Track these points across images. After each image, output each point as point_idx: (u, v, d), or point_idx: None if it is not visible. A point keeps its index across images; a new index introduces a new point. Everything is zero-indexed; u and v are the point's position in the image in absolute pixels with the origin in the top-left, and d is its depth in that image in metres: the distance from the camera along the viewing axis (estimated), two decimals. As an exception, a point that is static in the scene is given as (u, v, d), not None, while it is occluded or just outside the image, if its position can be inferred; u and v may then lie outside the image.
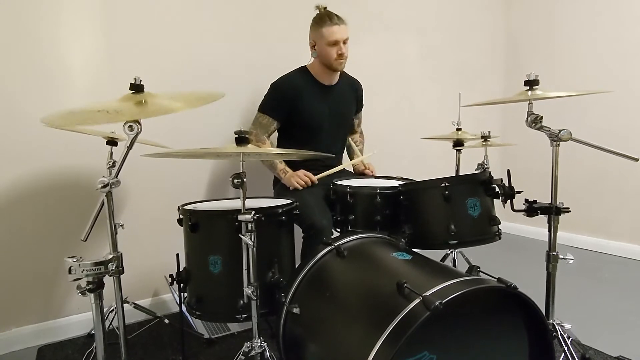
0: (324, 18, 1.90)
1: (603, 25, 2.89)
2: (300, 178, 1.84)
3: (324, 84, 2.02)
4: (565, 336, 1.45)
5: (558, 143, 1.45)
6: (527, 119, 1.44)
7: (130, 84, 1.17)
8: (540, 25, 3.27)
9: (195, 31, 2.12)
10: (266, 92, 1.99)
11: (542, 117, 1.42)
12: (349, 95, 2.14)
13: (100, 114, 1.13)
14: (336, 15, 1.91)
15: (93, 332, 1.52)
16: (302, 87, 1.97)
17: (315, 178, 1.87)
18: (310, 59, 2.02)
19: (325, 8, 1.96)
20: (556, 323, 1.48)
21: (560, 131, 1.41)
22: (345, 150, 2.24)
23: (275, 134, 2.08)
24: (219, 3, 2.18)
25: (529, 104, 1.45)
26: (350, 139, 2.28)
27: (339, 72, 2.04)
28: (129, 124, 1.13)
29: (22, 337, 1.81)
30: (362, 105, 2.27)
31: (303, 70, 2.03)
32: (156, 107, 1.17)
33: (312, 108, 1.97)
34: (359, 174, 2.14)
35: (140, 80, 1.19)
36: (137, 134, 1.14)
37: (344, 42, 1.91)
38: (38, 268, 1.83)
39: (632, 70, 2.75)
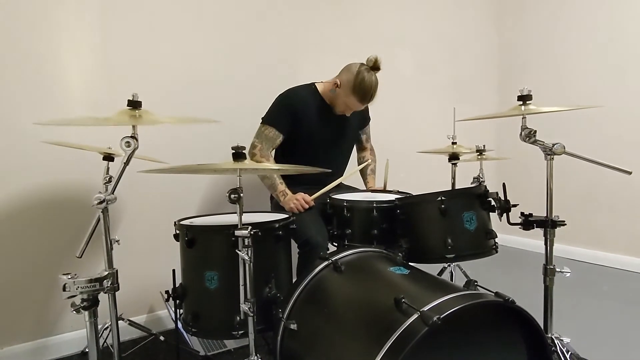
0: (363, 89, 1.84)
1: (595, 39, 2.95)
2: (299, 202, 1.79)
3: (331, 107, 2.00)
4: (564, 350, 1.45)
5: (552, 157, 1.47)
6: (521, 133, 1.45)
7: (128, 100, 1.18)
8: (533, 39, 3.34)
9: (195, 48, 2.15)
10: (272, 104, 1.96)
11: (535, 132, 1.44)
12: (352, 119, 2.09)
13: (90, 119, 1.14)
14: (373, 94, 1.88)
15: (87, 350, 1.49)
16: (310, 103, 1.95)
17: (310, 200, 1.81)
18: (321, 81, 2.02)
19: (376, 60, 1.89)
20: (555, 337, 1.48)
21: (553, 145, 1.43)
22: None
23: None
24: (219, 20, 2.21)
25: (522, 118, 1.47)
26: (363, 160, 2.25)
27: None
28: (126, 140, 1.14)
29: (14, 357, 1.77)
30: (369, 119, 2.26)
31: (312, 87, 2.00)
32: (145, 120, 1.18)
33: (316, 126, 1.96)
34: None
35: (138, 97, 1.20)
36: (134, 149, 1.15)
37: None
38: (31, 285, 1.81)
39: (624, 84, 2.80)
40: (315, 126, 1.97)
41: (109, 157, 1.59)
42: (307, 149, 1.99)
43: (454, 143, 2.14)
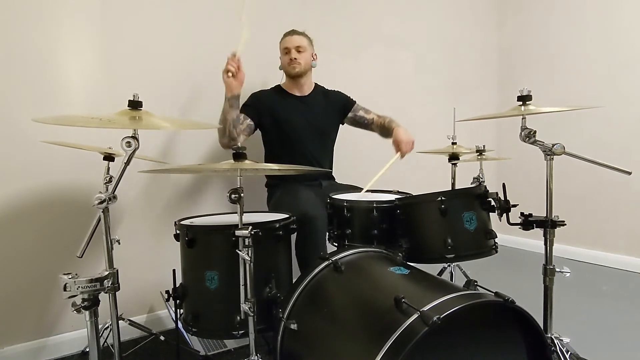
0: (283, 35, 2.10)
1: (595, 40, 2.95)
2: (225, 68, 1.87)
3: (295, 95, 2.13)
4: (563, 350, 1.45)
5: (552, 157, 1.47)
6: (520, 133, 1.46)
7: (129, 100, 1.18)
8: (533, 40, 3.34)
9: (195, 48, 2.15)
10: None
11: (535, 132, 1.44)
12: (324, 104, 2.19)
13: (93, 120, 1.15)
14: (294, 29, 2.09)
15: (87, 349, 1.50)
16: (277, 98, 2.10)
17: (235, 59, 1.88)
18: (282, 75, 2.15)
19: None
20: (554, 337, 1.48)
21: (553, 145, 1.43)
22: (383, 136, 2.20)
23: (263, 151, 2.16)
24: (220, 20, 2.21)
25: (522, 118, 1.48)
26: (379, 123, 2.21)
27: (310, 84, 2.17)
28: (126, 140, 1.14)
29: (14, 356, 1.77)
30: (352, 102, 2.26)
31: (276, 86, 2.17)
32: (147, 123, 1.18)
33: (287, 116, 2.07)
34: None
35: (138, 97, 1.20)
36: (135, 149, 1.15)
37: (297, 50, 2.05)
38: (32, 285, 1.81)
39: (625, 84, 2.80)
40: (287, 113, 2.07)
41: (109, 157, 1.60)
42: (286, 138, 2.07)
43: (454, 143, 2.14)
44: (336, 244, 1.78)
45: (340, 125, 2.27)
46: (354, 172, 2.34)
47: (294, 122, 2.07)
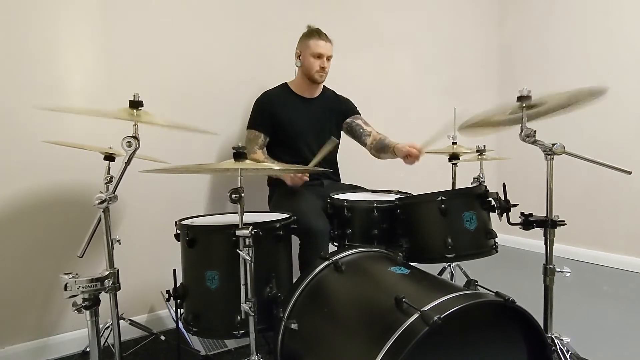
0: (313, 32, 2.05)
1: (595, 40, 2.95)
2: (295, 177, 1.86)
3: (303, 97, 2.12)
4: (564, 350, 1.45)
5: (552, 157, 1.47)
6: (520, 133, 1.45)
7: (130, 101, 1.19)
8: (533, 40, 3.34)
9: (195, 48, 2.15)
10: (251, 110, 2.10)
11: (535, 132, 1.44)
12: (329, 108, 2.18)
13: (90, 110, 1.12)
14: (325, 33, 2.05)
15: (88, 349, 1.50)
16: (281, 99, 2.08)
17: (302, 175, 1.88)
18: (296, 70, 2.12)
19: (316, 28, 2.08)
20: (555, 336, 1.48)
21: (553, 145, 1.43)
22: (377, 152, 2.18)
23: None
24: (220, 20, 2.21)
25: (522, 118, 1.47)
26: (377, 138, 2.19)
27: (320, 87, 2.15)
28: (127, 140, 1.14)
29: (16, 356, 1.77)
30: (356, 110, 2.25)
31: (283, 85, 2.15)
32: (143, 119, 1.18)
33: (289, 117, 2.06)
34: (406, 156, 2.03)
35: (139, 97, 1.20)
36: (135, 149, 1.15)
37: (328, 59, 2.04)
38: (32, 284, 1.81)
39: (625, 84, 2.80)
40: (290, 115, 2.07)
41: (110, 157, 1.60)
42: (287, 139, 2.07)
43: (454, 143, 2.14)
44: (337, 244, 1.78)
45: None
46: (355, 172, 2.33)
47: (299, 124, 2.07)
